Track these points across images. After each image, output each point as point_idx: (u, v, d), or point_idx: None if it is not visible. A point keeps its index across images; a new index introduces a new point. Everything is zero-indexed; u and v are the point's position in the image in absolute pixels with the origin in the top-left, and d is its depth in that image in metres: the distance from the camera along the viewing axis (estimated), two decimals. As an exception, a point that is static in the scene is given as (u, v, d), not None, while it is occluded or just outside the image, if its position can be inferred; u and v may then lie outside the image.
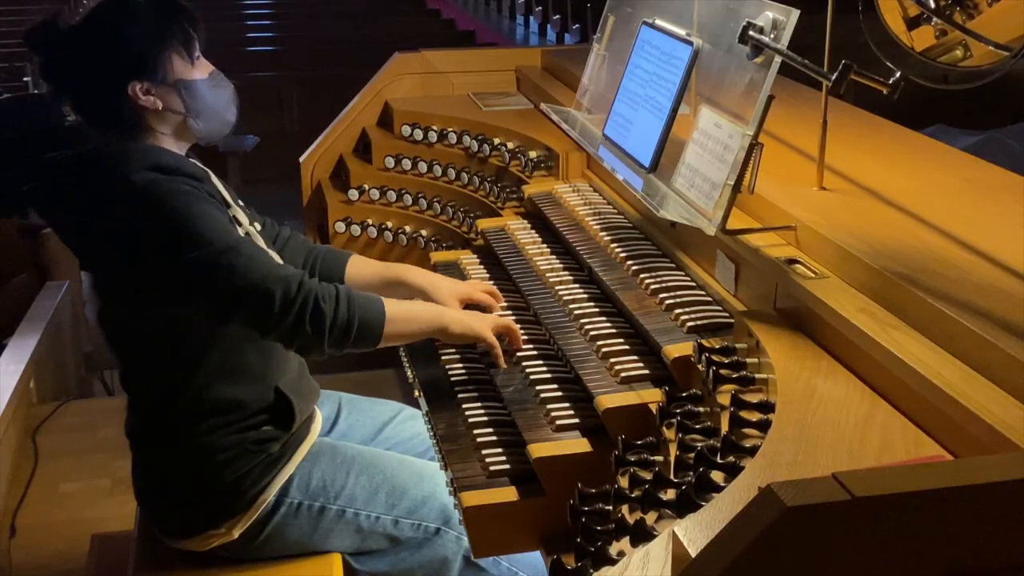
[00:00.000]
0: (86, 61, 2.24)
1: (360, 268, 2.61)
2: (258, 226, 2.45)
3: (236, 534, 2.32)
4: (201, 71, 2.32)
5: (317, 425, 2.47)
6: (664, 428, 1.94)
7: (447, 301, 2.54)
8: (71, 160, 2.27)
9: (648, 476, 1.78)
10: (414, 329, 2.37)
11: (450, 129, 3.79)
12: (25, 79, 9.40)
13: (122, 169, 2.18)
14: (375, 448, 2.53)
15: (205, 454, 2.28)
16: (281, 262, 2.30)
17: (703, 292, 2.41)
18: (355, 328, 2.22)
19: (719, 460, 1.68)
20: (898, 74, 1.99)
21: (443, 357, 2.61)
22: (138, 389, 2.39)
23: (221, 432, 2.28)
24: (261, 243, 2.36)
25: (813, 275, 2.08)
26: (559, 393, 2.30)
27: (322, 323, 2.18)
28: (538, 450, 2.14)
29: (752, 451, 1.66)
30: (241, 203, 2.43)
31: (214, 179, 2.33)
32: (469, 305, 2.59)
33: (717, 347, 2.06)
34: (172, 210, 2.14)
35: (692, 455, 1.72)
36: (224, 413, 2.28)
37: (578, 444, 2.16)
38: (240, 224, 2.32)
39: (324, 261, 2.60)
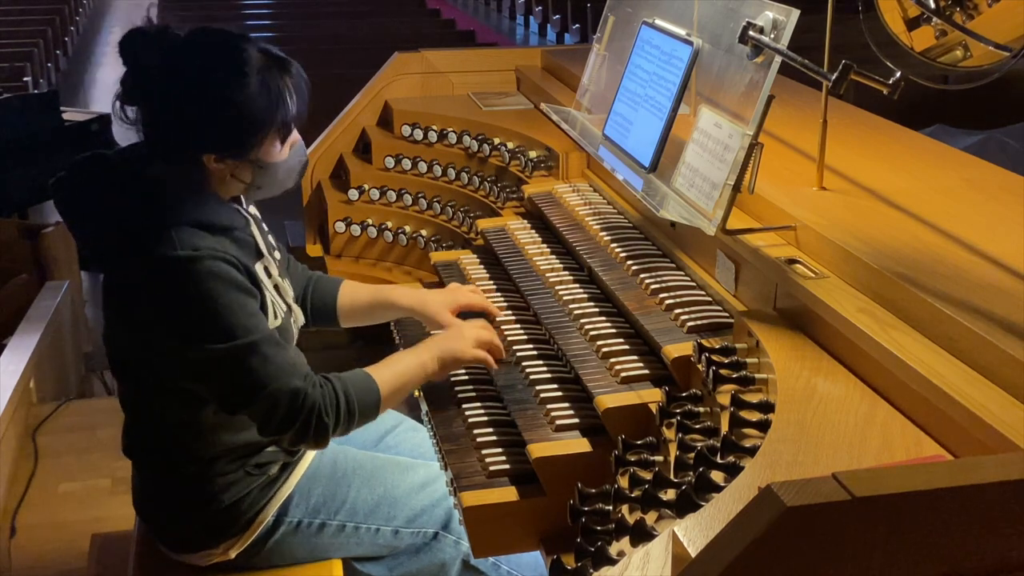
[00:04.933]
0: (178, 109, 2.09)
1: (351, 294, 2.62)
2: (277, 255, 2.38)
3: (233, 555, 2.30)
4: (287, 149, 2.21)
5: None
6: (664, 428, 1.94)
7: (439, 314, 2.57)
8: (116, 170, 2.17)
9: (648, 476, 1.79)
10: (407, 393, 2.41)
11: (450, 129, 3.79)
12: (25, 79, 9.40)
13: (166, 216, 2.08)
14: (375, 454, 2.52)
15: (205, 477, 2.25)
16: (298, 359, 2.23)
17: (703, 292, 2.41)
18: (355, 425, 2.25)
19: (719, 460, 1.68)
20: (898, 74, 1.99)
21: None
22: (136, 414, 2.33)
23: (223, 461, 2.25)
24: (288, 296, 2.34)
25: (813, 275, 2.08)
26: (559, 393, 2.30)
27: (324, 433, 2.20)
28: (538, 450, 2.14)
29: (752, 451, 1.66)
30: (273, 243, 2.36)
31: (253, 226, 2.25)
32: (465, 314, 2.60)
33: (717, 347, 2.06)
34: (204, 295, 2.07)
35: (692, 455, 1.73)
36: (228, 449, 2.25)
37: (578, 444, 2.16)
38: (270, 276, 2.26)
39: (316, 290, 2.59)
